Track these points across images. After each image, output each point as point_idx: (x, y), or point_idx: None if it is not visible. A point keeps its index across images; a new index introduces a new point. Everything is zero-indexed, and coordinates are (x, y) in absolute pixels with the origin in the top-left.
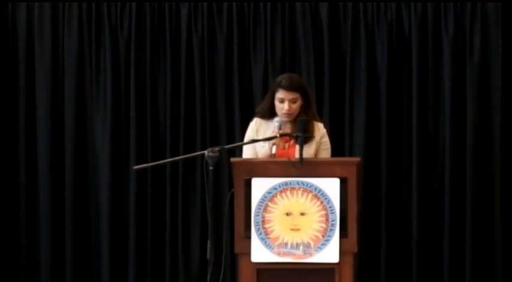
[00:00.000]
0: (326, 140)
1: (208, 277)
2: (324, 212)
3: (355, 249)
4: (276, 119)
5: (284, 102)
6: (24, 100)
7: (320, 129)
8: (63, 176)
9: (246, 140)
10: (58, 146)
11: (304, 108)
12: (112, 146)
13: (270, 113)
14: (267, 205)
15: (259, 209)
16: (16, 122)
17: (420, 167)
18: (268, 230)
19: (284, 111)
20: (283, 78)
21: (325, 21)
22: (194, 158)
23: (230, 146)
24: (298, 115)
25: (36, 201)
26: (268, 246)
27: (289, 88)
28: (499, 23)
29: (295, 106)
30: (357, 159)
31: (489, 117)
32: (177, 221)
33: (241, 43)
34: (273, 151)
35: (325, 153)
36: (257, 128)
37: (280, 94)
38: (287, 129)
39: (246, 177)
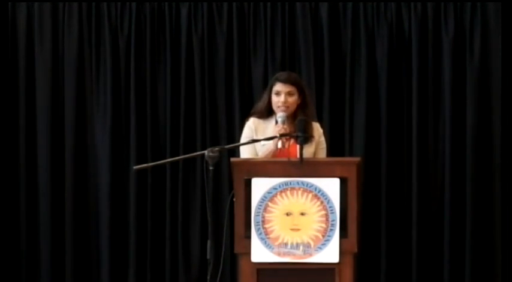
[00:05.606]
0: (323, 139)
1: (208, 277)
2: (324, 212)
3: (355, 249)
4: (279, 114)
5: (280, 94)
6: (24, 100)
7: (318, 129)
8: (63, 176)
9: (244, 139)
10: (58, 146)
11: (302, 107)
12: (112, 146)
13: (267, 112)
14: (267, 205)
15: (259, 209)
16: (16, 122)
17: (420, 167)
18: (268, 230)
19: (280, 104)
20: (280, 73)
21: (325, 21)
22: (194, 158)
23: (230, 146)
24: (295, 114)
25: (36, 201)
26: (268, 246)
27: (285, 81)
28: (499, 23)
29: (292, 100)
30: (357, 159)
31: (489, 117)
32: (177, 221)
33: (241, 43)
34: (279, 145)
35: (322, 152)
36: (255, 127)
37: (277, 87)
38: (288, 129)
39: (246, 177)
